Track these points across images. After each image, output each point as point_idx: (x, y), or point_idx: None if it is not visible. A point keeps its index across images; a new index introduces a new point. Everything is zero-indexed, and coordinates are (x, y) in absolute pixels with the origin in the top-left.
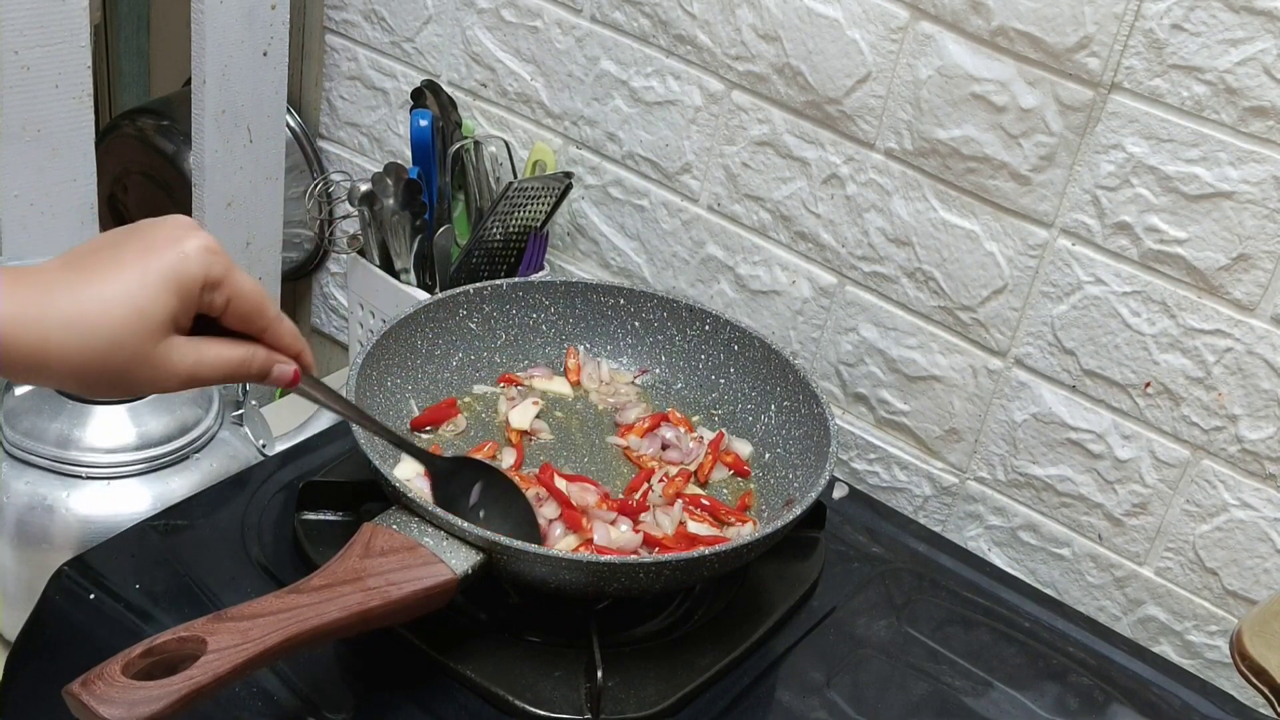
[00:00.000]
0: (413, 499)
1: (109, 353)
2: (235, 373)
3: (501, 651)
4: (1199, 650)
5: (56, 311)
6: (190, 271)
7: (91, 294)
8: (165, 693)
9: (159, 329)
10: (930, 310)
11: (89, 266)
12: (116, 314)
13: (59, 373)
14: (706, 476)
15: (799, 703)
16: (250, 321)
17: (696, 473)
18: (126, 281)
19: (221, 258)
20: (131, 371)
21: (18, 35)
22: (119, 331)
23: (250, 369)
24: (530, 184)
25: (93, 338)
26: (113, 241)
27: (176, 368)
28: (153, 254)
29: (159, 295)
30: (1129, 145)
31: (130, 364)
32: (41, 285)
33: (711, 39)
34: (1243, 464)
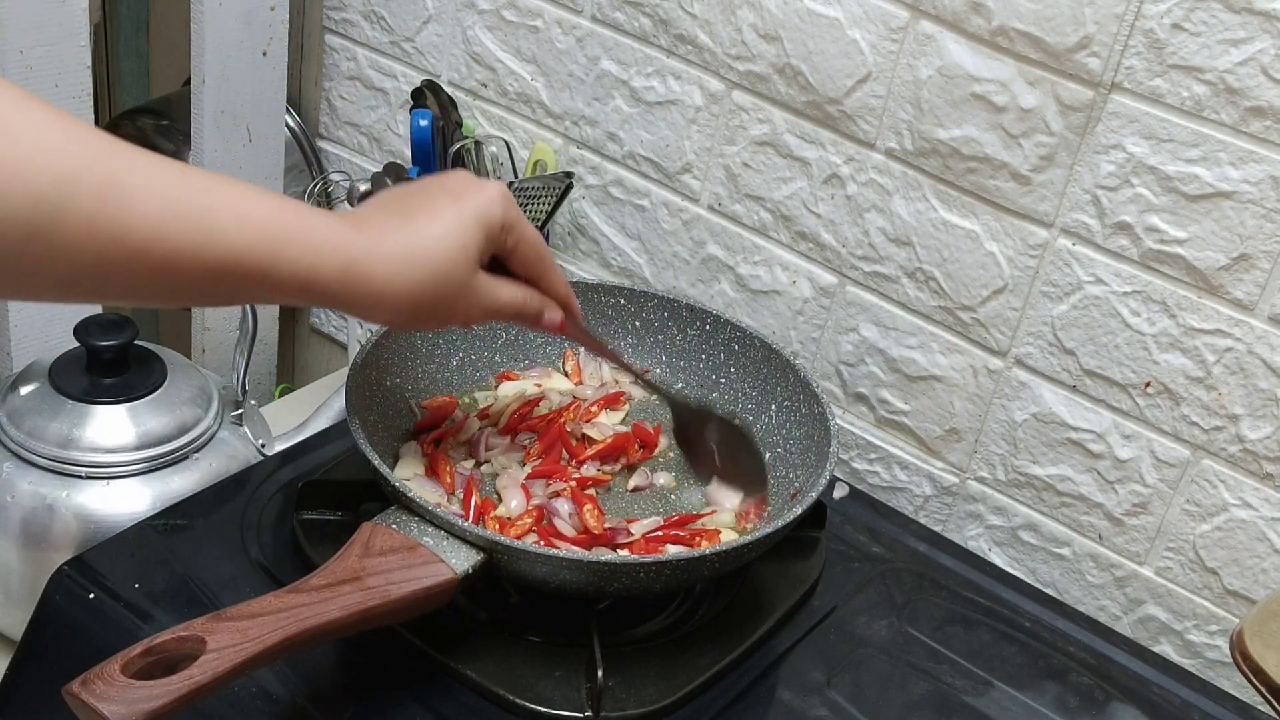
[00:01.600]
0: (412, 498)
1: (440, 283)
2: (519, 310)
3: (502, 651)
4: (1199, 650)
5: (398, 248)
6: (494, 212)
7: (423, 233)
8: (165, 692)
9: (474, 262)
10: (930, 310)
11: (408, 210)
12: (445, 248)
13: (399, 304)
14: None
15: (799, 702)
16: (533, 265)
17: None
18: (447, 221)
19: (513, 203)
20: (452, 301)
21: (20, 35)
22: (448, 263)
23: (529, 309)
24: (531, 184)
25: (430, 269)
26: (415, 192)
27: (483, 299)
28: (462, 198)
29: (472, 232)
30: (1129, 145)
31: (453, 293)
32: (377, 227)
33: (712, 39)
34: (1243, 464)
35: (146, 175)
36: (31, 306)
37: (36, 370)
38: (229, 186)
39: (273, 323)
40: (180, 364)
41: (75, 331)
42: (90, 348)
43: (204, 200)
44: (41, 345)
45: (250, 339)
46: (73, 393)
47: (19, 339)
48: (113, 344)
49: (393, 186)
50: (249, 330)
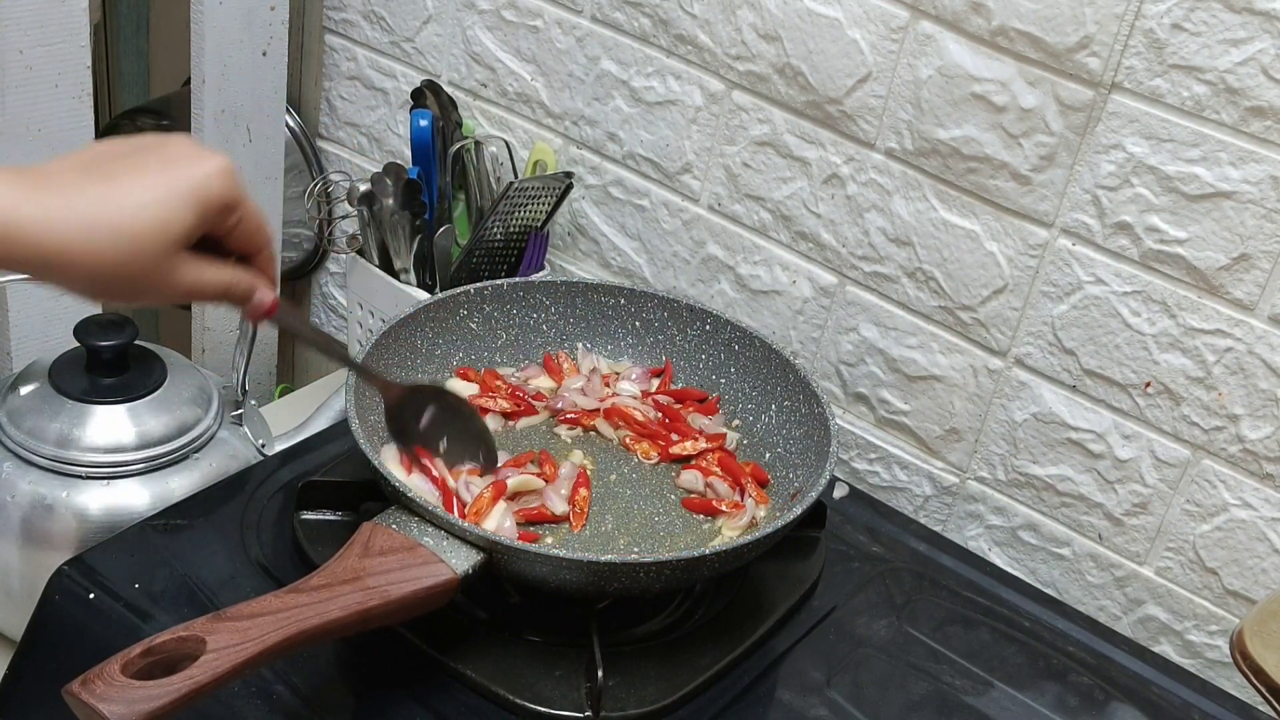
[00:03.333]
0: (413, 498)
1: (127, 260)
2: (225, 292)
3: (502, 650)
4: (1199, 650)
5: (81, 214)
6: (213, 192)
7: (117, 200)
8: (165, 692)
9: (177, 242)
10: (931, 310)
11: (109, 173)
12: (143, 221)
13: (74, 274)
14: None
15: (799, 702)
16: (251, 244)
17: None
18: (151, 192)
19: (236, 180)
20: (141, 280)
21: (21, 35)
22: (140, 240)
23: (237, 290)
24: (531, 184)
25: (117, 242)
26: (125, 151)
27: (181, 281)
28: (176, 168)
29: (181, 210)
30: (1129, 145)
31: (143, 272)
32: (64, 187)
33: (712, 39)
34: (1243, 464)
35: None
36: (32, 306)
37: (36, 370)
38: None
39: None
40: (180, 364)
41: (75, 331)
42: (90, 348)
43: None
44: (41, 345)
45: (250, 339)
46: (73, 393)
47: (19, 339)
48: (113, 344)
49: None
50: (249, 330)
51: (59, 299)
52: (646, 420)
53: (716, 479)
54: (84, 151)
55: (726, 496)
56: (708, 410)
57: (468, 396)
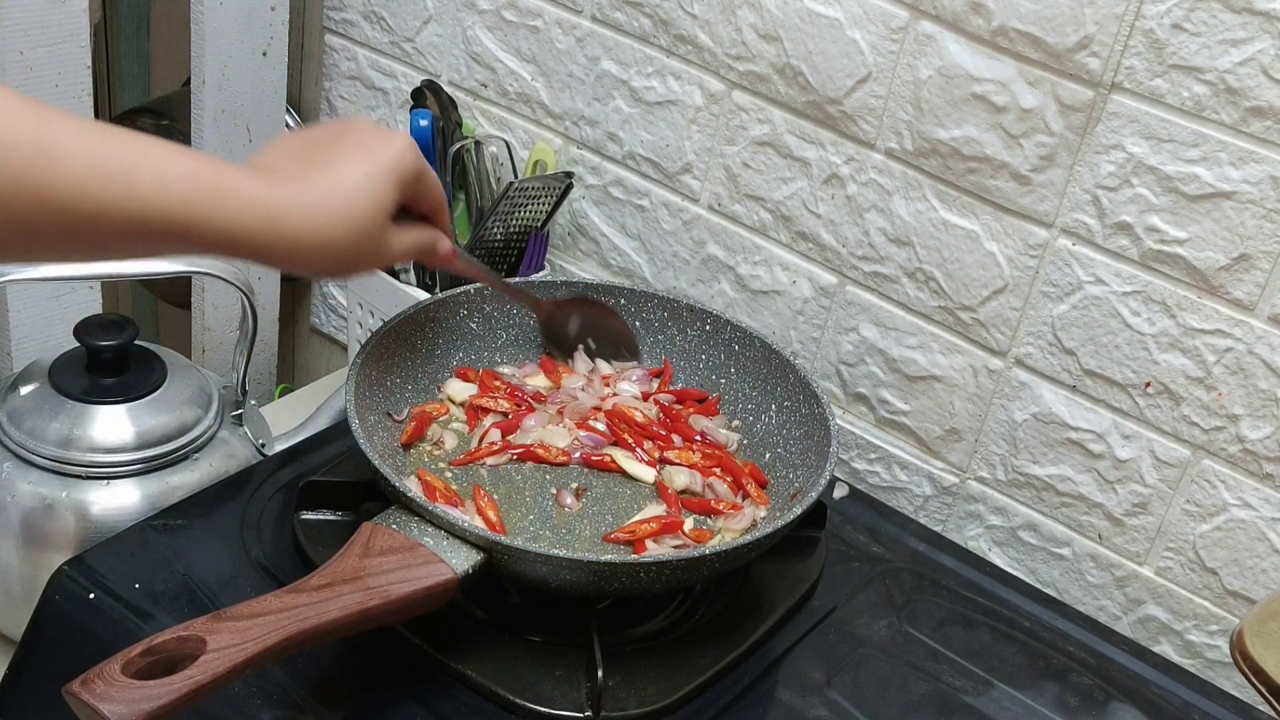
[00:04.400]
0: (412, 498)
1: (356, 237)
2: (420, 248)
3: (502, 650)
4: (1199, 650)
5: (318, 201)
6: (407, 166)
7: (341, 186)
8: (165, 692)
9: (387, 214)
10: (931, 310)
11: (321, 162)
12: (364, 202)
13: (319, 256)
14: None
15: (799, 702)
16: (435, 205)
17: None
18: (361, 174)
19: (419, 153)
20: (368, 251)
21: (21, 35)
22: (367, 217)
23: (426, 245)
24: (531, 184)
25: (349, 223)
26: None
27: (394, 246)
28: (376, 150)
29: (386, 185)
30: (1129, 145)
31: (368, 243)
32: (295, 180)
33: (712, 39)
34: (1243, 464)
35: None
36: (32, 306)
37: (36, 370)
38: (149, 146)
39: (273, 323)
40: (180, 364)
41: (75, 331)
42: (90, 348)
43: (124, 161)
44: (41, 345)
45: (250, 339)
46: (73, 393)
47: (19, 339)
48: (113, 344)
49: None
50: (249, 330)
51: (59, 299)
52: (647, 420)
53: (716, 479)
54: (284, 144)
55: (726, 498)
56: (708, 411)
57: (467, 397)
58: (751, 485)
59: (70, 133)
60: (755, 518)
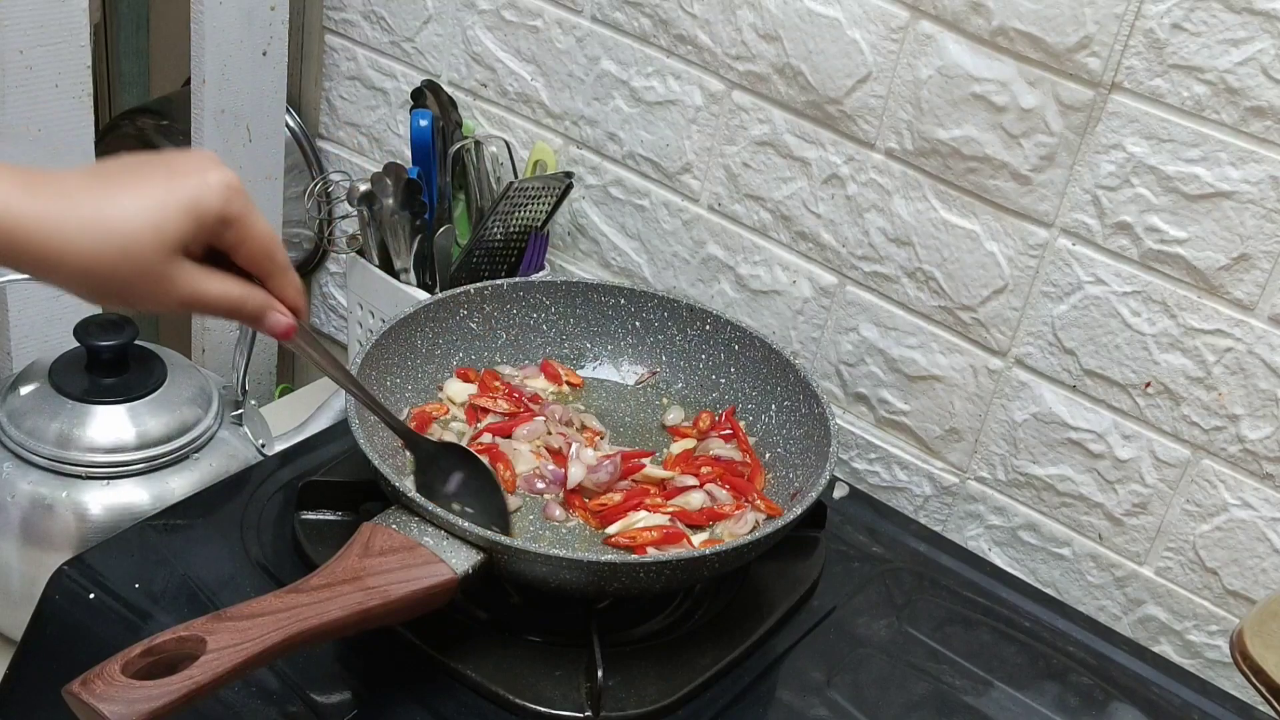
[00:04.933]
0: (412, 498)
1: (120, 260)
2: (232, 308)
3: (502, 651)
4: (1199, 650)
5: (77, 214)
6: (209, 201)
7: (113, 203)
8: (165, 692)
9: (169, 247)
10: (931, 310)
11: (113, 179)
12: (133, 224)
13: (70, 272)
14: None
15: (799, 702)
16: (258, 264)
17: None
18: (148, 198)
19: (241, 196)
20: (135, 283)
21: (21, 35)
22: (133, 241)
23: (246, 308)
24: (531, 184)
25: (107, 243)
26: (137, 162)
27: (177, 288)
28: (176, 178)
29: (176, 216)
30: (1129, 145)
31: (136, 275)
32: (65, 188)
33: (712, 39)
34: (1243, 464)
35: None
36: (32, 306)
37: (36, 370)
38: None
39: None
40: (180, 364)
41: (75, 331)
42: (90, 348)
43: None
44: (41, 345)
45: (250, 339)
46: (73, 393)
47: (19, 339)
48: (113, 344)
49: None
50: (249, 330)
51: (59, 299)
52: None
53: (715, 486)
54: (105, 161)
55: (727, 502)
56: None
57: (466, 398)
58: (759, 500)
59: None
60: (757, 520)
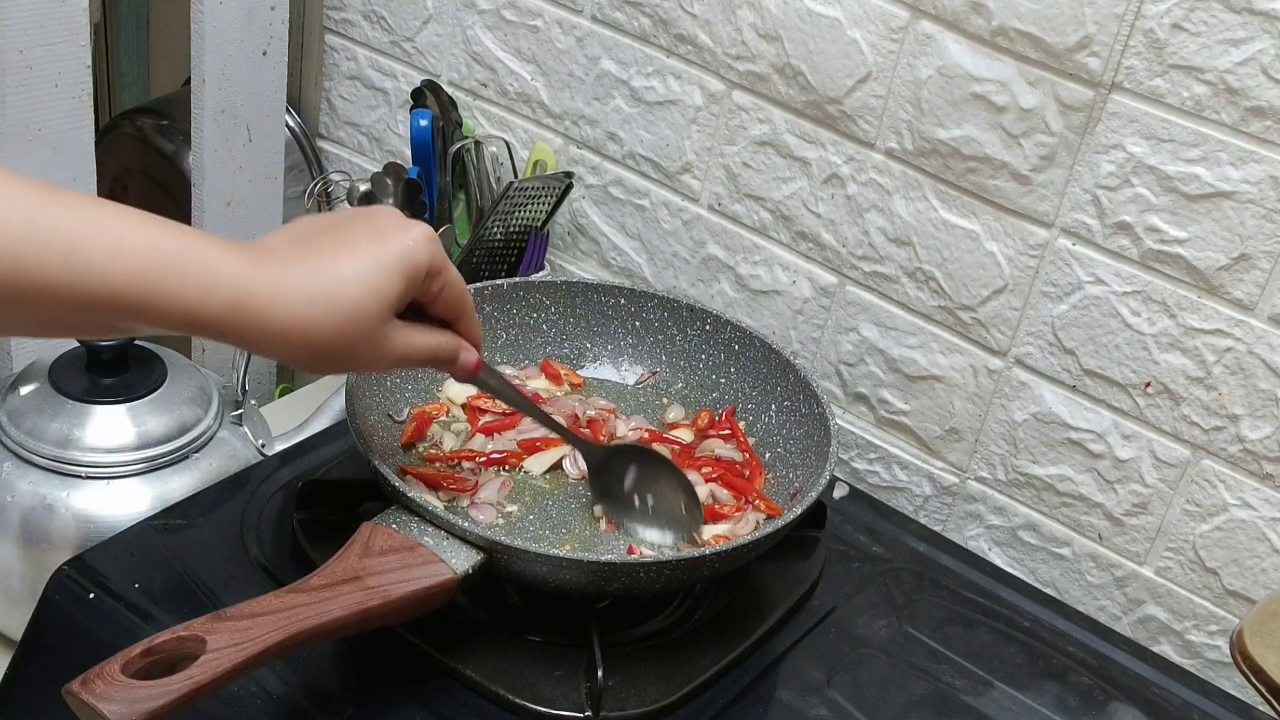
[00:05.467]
0: (412, 498)
1: (345, 329)
2: (433, 356)
3: (502, 650)
4: (1199, 650)
5: (304, 287)
6: (419, 259)
7: (335, 273)
8: (165, 692)
9: (388, 310)
10: (930, 310)
11: (323, 247)
12: (355, 292)
13: (297, 345)
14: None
15: (799, 702)
16: (454, 310)
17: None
18: (363, 263)
19: (439, 247)
20: (358, 348)
21: (21, 35)
22: (356, 310)
23: (443, 354)
24: (531, 184)
25: (336, 313)
26: (337, 224)
27: (394, 347)
28: (384, 239)
29: (391, 278)
30: (1129, 145)
31: (360, 341)
32: (285, 262)
33: (712, 39)
34: (1243, 464)
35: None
36: None
37: (36, 370)
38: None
39: None
40: (180, 364)
41: None
42: (90, 347)
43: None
44: (41, 345)
45: None
46: (73, 393)
47: (19, 339)
48: (113, 344)
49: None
50: None
51: None
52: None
53: (717, 486)
54: (292, 226)
55: (727, 503)
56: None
57: (466, 398)
58: (760, 501)
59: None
60: (757, 520)
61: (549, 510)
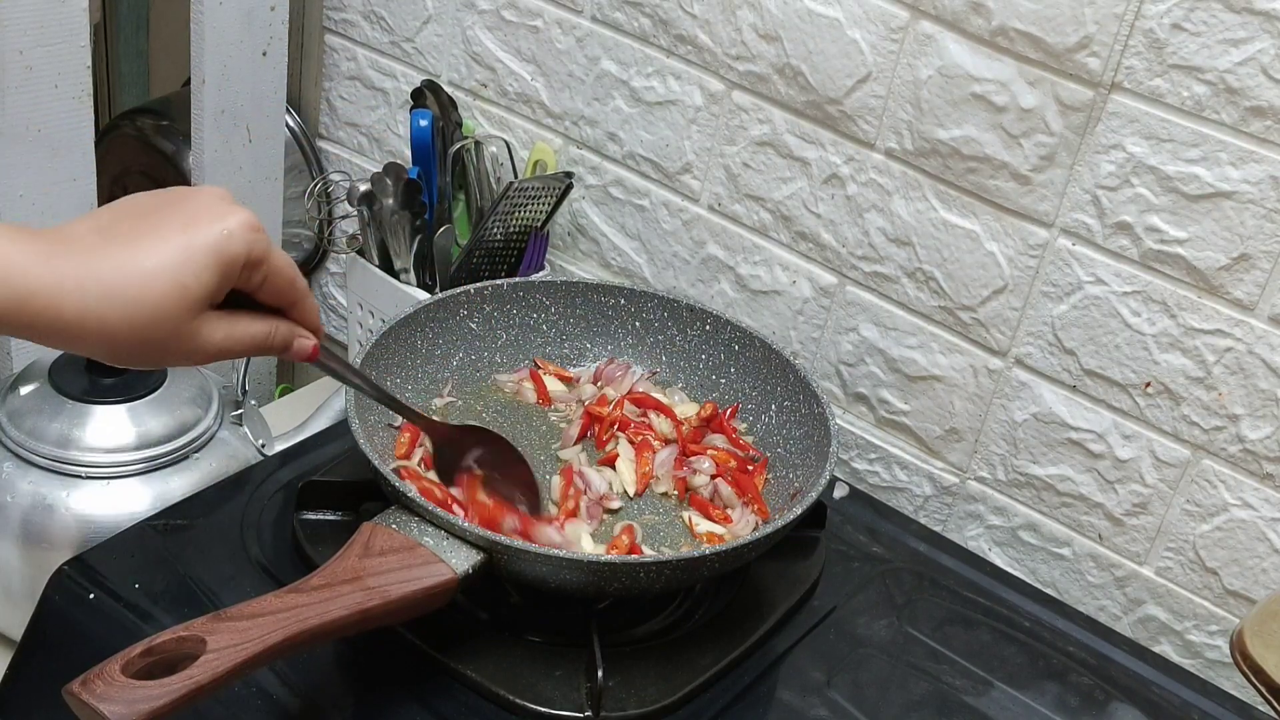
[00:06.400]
0: (412, 498)
1: (148, 326)
2: (261, 346)
3: (502, 651)
4: (1199, 650)
5: (98, 281)
6: (234, 250)
7: (134, 266)
8: (165, 692)
9: (198, 305)
10: (931, 310)
11: (129, 235)
12: (159, 288)
13: (94, 341)
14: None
15: (799, 702)
16: (283, 297)
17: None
18: (170, 255)
19: (262, 236)
20: (166, 344)
21: (21, 35)
22: (160, 306)
23: (274, 342)
24: (531, 184)
25: (135, 310)
26: (149, 209)
27: (209, 342)
28: (195, 228)
29: (202, 272)
30: (1129, 145)
31: (167, 338)
32: (82, 252)
33: (712, 39)
34: (1243, 464)
35: None
36: None
37: (36, 370)
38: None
39: None
40: None
41: None
42: None
43: None
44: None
45: None
46: (73, 393)
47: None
48: None
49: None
50: None
51: None
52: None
53: (722, 482)
54: (111, 208)
55: (728, 501)
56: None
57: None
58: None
59: None
60: (757, 520)
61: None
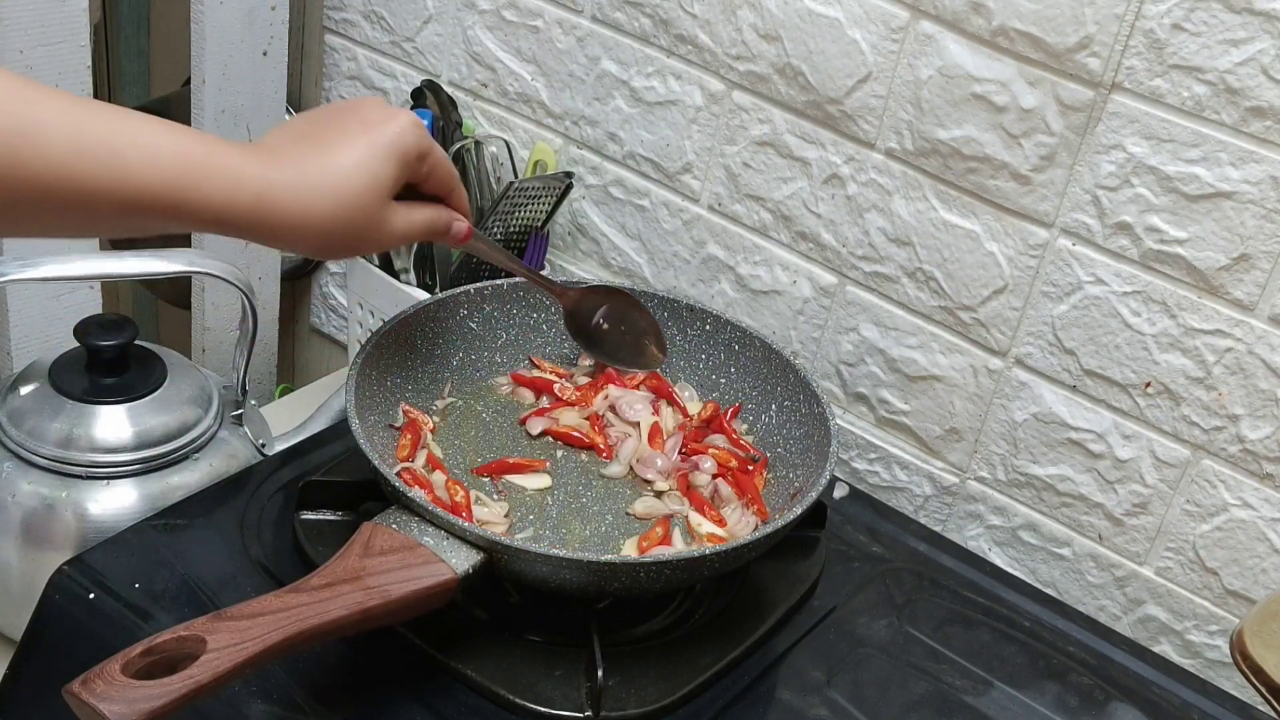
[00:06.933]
0: (412, 498)
1: (352, 214)
2: (429, 228)
3: (502, 650)
4: (1199, 650)
5: (309, 180)
6: (409, 143)
7: (335, 165)
8: (165, 691)
9: (386, 193)
10: (931, 310)
11: (321, 141)
12: (357, 181)
13: (312, 234)
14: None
15: (799, 701)
16: (444, 185)
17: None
18: (359, 153)
19: (425, 131)
20: (365, 231)
21: (20, 35)
22: (361, 195)
23: (438, 226)
24: (531, 184)
25: (339, 203)
26: (327, 119)
27: (395, 227)
28: (374, 129)
29: (386, 164)
30: (1129, 145)
31: (366, 224)
32: (292, 159)
33: (712, 39)
34: (1243, 464)
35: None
36: (31, 306)
37: (36, 370)
38: (139, 124)
39: (273, 323)
40: (180, 364)
41: (75, 331)
42: (90, 348)
43: (112, 139)
44: (41, 345)
45: (250, 339)
46: (73, 393)
47: (19, 339)
48: (113, 344)
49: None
50: (249, 330)
51: (59, 299)
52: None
53: (723, 482)
54: (290, 125)
55: (727, 500)
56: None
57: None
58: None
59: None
60: (756, 522)
61: (549, 510)
